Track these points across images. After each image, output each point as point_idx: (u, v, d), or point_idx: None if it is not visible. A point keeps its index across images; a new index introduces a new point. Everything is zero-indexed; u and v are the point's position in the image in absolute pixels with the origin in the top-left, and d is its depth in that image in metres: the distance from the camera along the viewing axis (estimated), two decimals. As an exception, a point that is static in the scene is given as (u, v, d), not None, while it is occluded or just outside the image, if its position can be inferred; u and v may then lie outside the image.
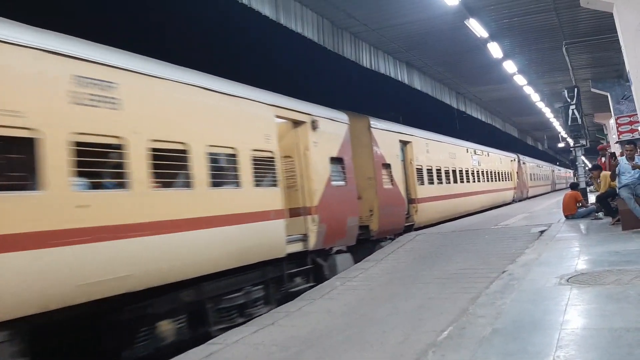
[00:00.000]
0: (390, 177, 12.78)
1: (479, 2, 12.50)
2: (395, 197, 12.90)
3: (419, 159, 15.06)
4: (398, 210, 13.01)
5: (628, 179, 9.21)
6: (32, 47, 4.94)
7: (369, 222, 11.65)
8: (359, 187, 11.35)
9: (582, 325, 4.21)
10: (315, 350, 4.62)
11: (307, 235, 8.98)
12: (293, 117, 9.28)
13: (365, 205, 11.56)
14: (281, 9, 10.85)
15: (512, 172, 28.93)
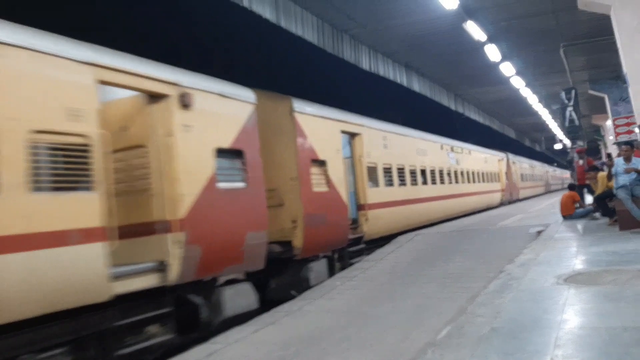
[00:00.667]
0: (326, 178, 9.95)
1: (477, 5, 12.56)
2: (331, 202, 10.03)
3: (372, 155, 12.13)
4: (336, 220, 10.05)
5: (625, 180, 9.26)
6: None
7: (292, 236, 8.95)
8: (280, 190, 8.97)
9: (579, 324, 4.23)
10: (316, 350, 4.65)
11: (165, 263, 5.99)
12: (142, 85, 6.15)
13: (285, 215, 8.94)
14: (282, 12, 10.90)
15: (500, 173, 26.49)
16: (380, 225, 12.04)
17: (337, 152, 10.52)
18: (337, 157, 10.49)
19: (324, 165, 9.97)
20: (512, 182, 28.68)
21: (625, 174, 9.28)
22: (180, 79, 6.61)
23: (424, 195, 15.24)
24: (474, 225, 13.98)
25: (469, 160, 21.07)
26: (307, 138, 9.52)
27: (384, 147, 12.93)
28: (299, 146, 9.29)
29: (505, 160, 27.93)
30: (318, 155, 9.78)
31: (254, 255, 7.47)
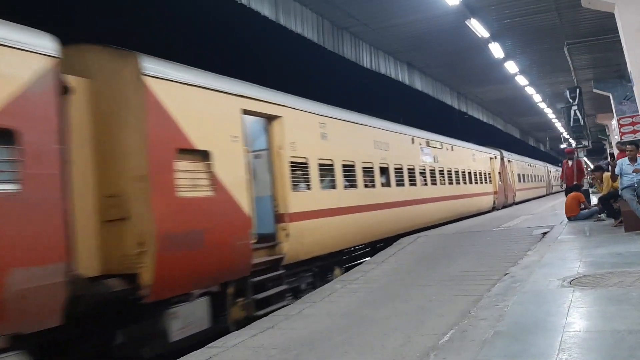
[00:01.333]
0: (210, 177, 6.84)
1: (480, 2, 12.48)
2: (218, 213, 6.95)
3: (299, 146, 9.05)
4: (226, 238, 6.97)
5: (630, 180, 9.16)
6: None
7: (137, 267, 5.85)
8: (125, 197, 5.99)
9: (584, 327, 4.18)
10: (316, 353, 4.59)
11: None
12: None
13: (130, 234, 5.92)
14: (280, 9, 10.84)
15: (493, 173, 23.43)
16: (312, 241, 9.06)
17: (232, 141, 7.30)
18: (232, 147, 7.29)
19: (205, 159, 6.80)
20: (507, 183, 25.75)
21: (630, 175, 9.18)
22: None
23: (386, 200, 12.18)
24: (476, 227, 13.91)
25: (452, 157, 18.05)
26: (169, 116, 6.39)
27: (322, 137, 9.93)
28: (152, 128, 6.13)
29: (499, 159, 25.09)
30: (192, 143, 6.60)
31: (32, 306, 4.67)
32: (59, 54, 5.28)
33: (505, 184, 25.50)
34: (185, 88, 6.74)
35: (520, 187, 29.58)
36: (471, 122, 28.86)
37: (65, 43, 5.45)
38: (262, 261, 7.81)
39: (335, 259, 10.09)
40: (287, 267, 8.33)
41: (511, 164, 27.63)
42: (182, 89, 6.70)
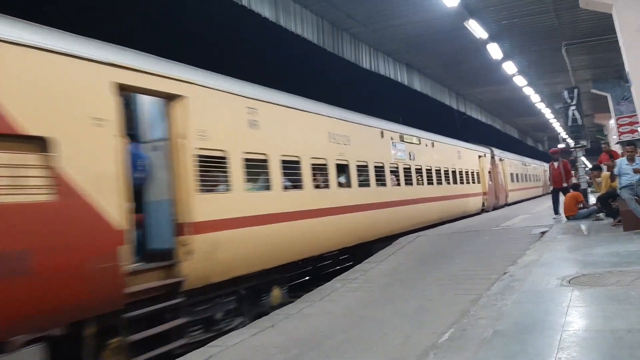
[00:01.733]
0: (51, 175, 5.01)
1: (478, 3, 12.52)
2: (62, 225, 5.05)
3: (211, 135, 7.07)
4: (77, 261, 5.12)
5: (629, 180, 9.19)
6: None
7: None
8: None
9: (583, 326, 4.19)
10: (316, 352, 4.60)
11: None
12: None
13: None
14: (281, 10, 10.86)
15: (482, 172, 21.70)
16: (233, 257, 7.09)
17: (94, 125, 5.43)
18: (94, 133, 5.44)
19: (42, 149, 4.95)
20: (498, 183, 23.92)
21: (628, 174, 9.20)
22: None
23: (345, 203, 10.38)
24: (476, 226, 13.92)
25: (432, 154, 16.10)
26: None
27: (251, 125, 7.92)
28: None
29: (489, 157, 23.33)
30: (16, 127, 4.77)
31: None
32: None
33: (497, 184, 23.72)
34: (11, 49, 4.84)
35: (514, 187, 27.70)
36: (470, 122, 28.91)
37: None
38: (149, 287, 5.84)
39: (275, 277, 8.21)
40: (191, 292, 6.35)
41: (503, 162, 25.91)
42: (5, 50, 4.80)
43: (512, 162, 28.65)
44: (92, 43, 5.81)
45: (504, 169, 25.96)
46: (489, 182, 22.44)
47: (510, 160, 28.18)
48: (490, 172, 22.98)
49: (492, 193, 22.71)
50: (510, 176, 27.29)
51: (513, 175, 28.18)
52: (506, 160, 26.66)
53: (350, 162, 10.88)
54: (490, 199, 22.29)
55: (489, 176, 22.72)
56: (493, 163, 23.76)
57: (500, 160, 25.15)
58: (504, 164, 25.93)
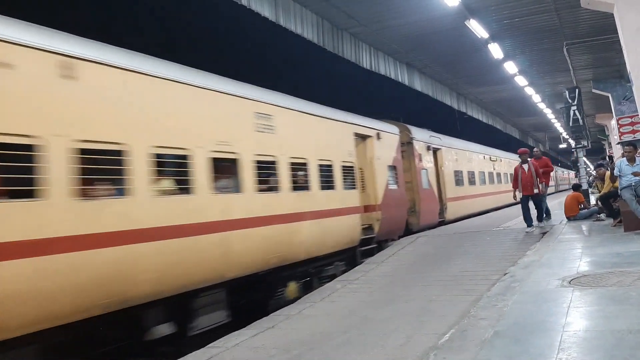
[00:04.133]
0: None
1: (479, 3, 12.49)
2: None
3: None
4: None
5: (629, 181, 9.17)
6: None
7: None
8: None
9: (584, 327, 4.19)
10: (316, 353, 4.60)
11: None
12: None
13: None
14: (281, 10, 10.84)
15: (369, 167, 12.06)
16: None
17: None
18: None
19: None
20: (420, 188, 14.75)
21: (628, 175, 9.18)
22: None
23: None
24: (476, 227, 13.91)
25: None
26: None
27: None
28: None
29: (396, 142, 13.80)
30: None
31: None
32: None
33: (417, 190, 14.58)
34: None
35: (459, 194, 18.34)
36: (471, 122, 28.86)
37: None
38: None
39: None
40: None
41: (439, 154, 16.89)
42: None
43: (460, 154, 19.13)
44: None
45: (440, 164, 16.89)
46: (390, 186, 12.66)
47: (450, 150, 18.35)
48: (394, 167, 13.13)
49: (395, 207, 12.76)
50: (455, 176, 18.29)
51: (460, 174, 18.97)
52: (444, 150, 17.29)
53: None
54: (391, 219, 12.34)
55: (394, 178, 13.00)
56: (412, 154, 14.67)
57: (427, 149, 15.82)
58: (439, 156, 16.90)
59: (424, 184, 15.22)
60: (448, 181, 17.54)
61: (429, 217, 15.13)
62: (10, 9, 5.60)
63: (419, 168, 15.16)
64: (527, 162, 11.14)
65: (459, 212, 17.92)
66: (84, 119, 5.52)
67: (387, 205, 12.21)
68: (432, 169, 16.32)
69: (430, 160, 16.25)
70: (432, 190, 15.97)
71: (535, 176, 10.94)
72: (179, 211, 6.47)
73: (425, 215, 14.83)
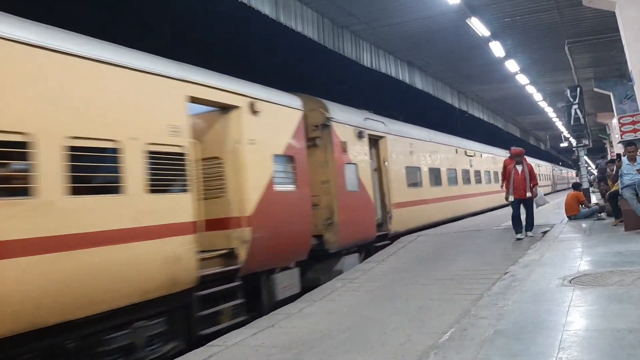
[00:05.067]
0: None
1: (480, 1, 12.47)
2: None
3: None
4: None
5: (631, 180, 9.17)
6: None
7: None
8: None
9: (584, 326, 4.19)
10: (316, 352, 4.59)
11: None
12: None
13: None
14: (281, 7, 10.82)
15: (235, 161, 7.61)
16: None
17: None
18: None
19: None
20: (341, 191, 10.23)
21: (630, 174, 9.17)
22: None
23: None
24: (476, 226, 13.90)
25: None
26: None
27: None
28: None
29: (297, 121, 9.26)
30: None
31: None
32: None
33: (335, 192, 10.03)
34: None
35: (417, 199, 13.92)
36: (472, 121, 28.83)
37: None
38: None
39: None
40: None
41: (383, 144, 12.52)
42: None
43: (417, 145, 14.60)
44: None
45: (384, 157, 12.42)
46: (277, 187, 8.36)
47: (412, 142, 14.25)
48: (292, 159, 8.96)
49: (289, 219, 8.61)
50: (409, 175, 13.66)
51: (417, 173, 14.44)
52: (390, 140, 12.75)
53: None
54: (275, 237, 8.09)
55: (286, 172, 8.77)
56: (328, 140, 10.15)
57: (360, 136, 11.22)
58: (383, 147, 12.45)
59: (349, 185, 10.45)
60: (396, 181, 12.86)
61: (355, 231, 10.48)
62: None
63: (341, 162, 10.28)
64: (521, 163, 10.19)
65: (413, 220, 13.38)
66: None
67: (268, 218, 7.78)
68: (366, 164, 11.40)
69: (364, 152, 11.33)
70: (366, 194, 11.15)
71: (529, 178, 10.09)
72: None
73: (349, 229, 10.11)
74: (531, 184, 10.12)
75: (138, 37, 15.91)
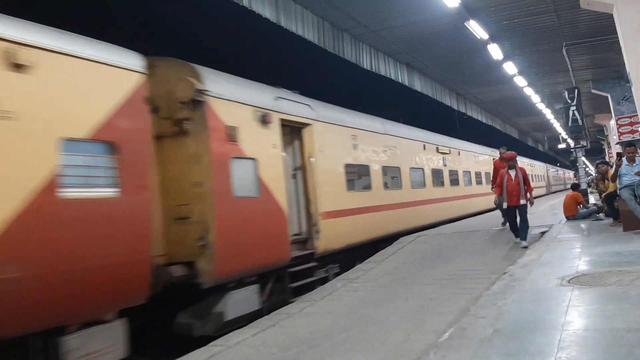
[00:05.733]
0: None
1: (479, 3, 12.52)
2: None
3: None
4: None
5: (629, 180, 9.21)
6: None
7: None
8: None
9: (583, 325, 4.21)
10: (317, 351, 4.63)
11: None
12: None
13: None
14: (282, 11, 10.87)
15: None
16: None
17: None
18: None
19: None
20: (223, 197, 7.11)
21: (628, 175, 9.22)
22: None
23: None
24: (475, 226, 13.93)
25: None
26: None
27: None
28: None
29: (138, 90, 6.01)
30: None
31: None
32: None
33: (210, 200, 6.90)
34: None
35: (360, 205, 11.23)
36: (471, 122, 28.87)
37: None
38: None
39: None
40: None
41: (309, 134, 9.73)
42: None
43: (364, 137, 11.88)
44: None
45: (309, 151, 9.67)
46: (67, 193, 5.05)
47: (355, 133, 11.52)
48: (116, 148, 5.63)
49: (88, 244, 5.18)
50: (349, 174, 11.09)
51: (363, 172, 11.93)
52: (319, 128, 10.04)
53: None
54: (53, 275, 4.82)
55: (100, 168, 5.59)
56: (202, 124, 7.07)
57: (264, 121, 8.30)
58: (308, 138, 9.72)
59: (239, 189, 7.47)
60: (330, 183, 10.04)
61: (249, 255, 7.52)
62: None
63: (225, 155, 7.35)
64: (514, 168, 9.51)
65: (357, 233, 10.81)
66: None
67: (42, 243, 4.79)
68: (275, 160, 8.50)
69: (272, 144, 8.48)
70: (271, 201, 8.19)
71: (523, 184, 9.39)
72: None
73: (237, 252, 7.23)
74: (525, 189, 9.39)
75: (134, 37, 15.97)
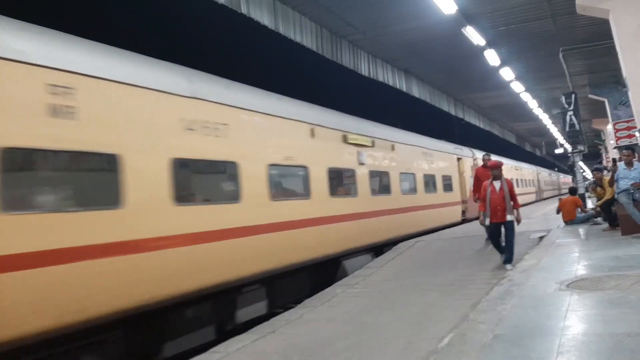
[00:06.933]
0: None
1: (476, 10, 12.60)
2: None
3: None
4: None
5: (627, 184, 9.23)
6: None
7: None
8: None
9: (583, 330, 4.21)
10: (316, 359, 4.61)
11: None
12: None
13: None
14: (280, 18, 10.92)
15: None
16: None
17: None
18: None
19: None
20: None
21: (628, 179, 9.23)
22: None
23: None
24: (474, 232, 13.93)
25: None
26: None
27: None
28: None
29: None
30: None
31: None
32: None
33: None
34: None
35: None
36: (468, 128, 28.96)
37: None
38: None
39: None
40: None
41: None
42: None
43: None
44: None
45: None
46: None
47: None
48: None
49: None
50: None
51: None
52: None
53: None
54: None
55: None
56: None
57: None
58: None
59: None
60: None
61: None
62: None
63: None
64: (499, 179, 8.19)
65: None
66: None
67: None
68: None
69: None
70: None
71: (509, 198, 8.07)
72: None
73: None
74: (512, 204, 8.05)
75: (135, 43, 15.99)
